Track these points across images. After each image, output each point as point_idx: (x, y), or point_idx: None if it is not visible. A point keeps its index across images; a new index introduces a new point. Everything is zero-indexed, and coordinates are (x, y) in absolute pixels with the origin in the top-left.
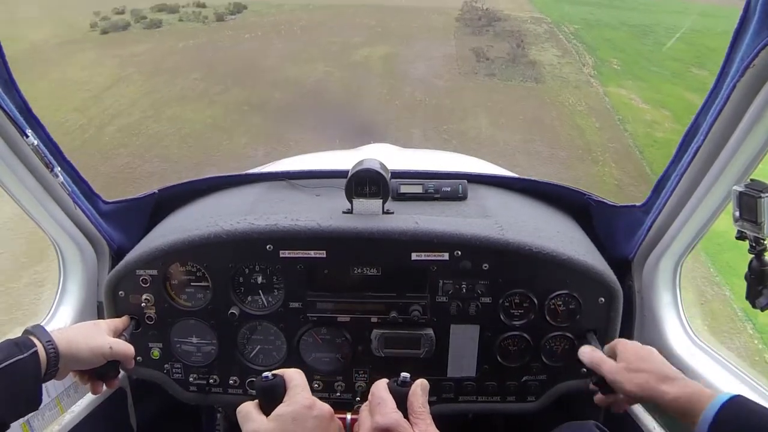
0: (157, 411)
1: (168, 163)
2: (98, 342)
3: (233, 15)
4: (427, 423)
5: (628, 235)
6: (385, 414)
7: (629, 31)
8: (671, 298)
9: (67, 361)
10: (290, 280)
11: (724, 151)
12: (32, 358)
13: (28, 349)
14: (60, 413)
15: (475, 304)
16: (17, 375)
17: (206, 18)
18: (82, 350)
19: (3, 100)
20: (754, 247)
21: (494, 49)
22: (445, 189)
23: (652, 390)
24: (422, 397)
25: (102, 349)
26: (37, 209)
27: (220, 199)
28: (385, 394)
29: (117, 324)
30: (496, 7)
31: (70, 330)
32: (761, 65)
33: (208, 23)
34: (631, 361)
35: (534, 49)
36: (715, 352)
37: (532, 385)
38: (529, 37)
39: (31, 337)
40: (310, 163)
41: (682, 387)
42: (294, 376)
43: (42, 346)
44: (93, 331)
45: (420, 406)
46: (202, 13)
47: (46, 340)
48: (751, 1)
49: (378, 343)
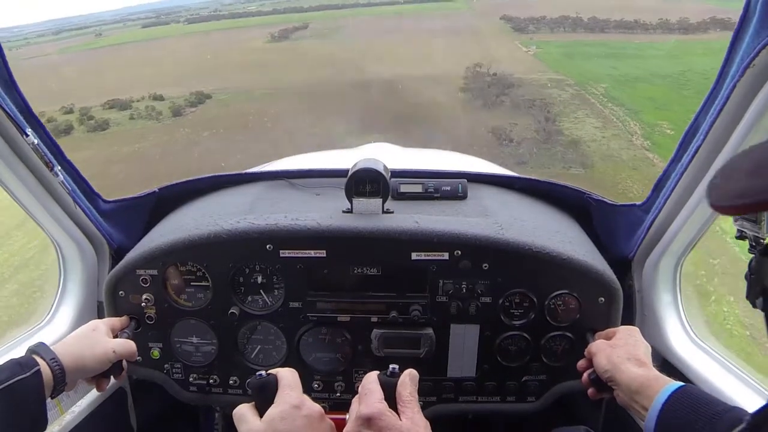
0: (156, 411)
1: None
2: (102, 348)
3: (193, 107)
4: (414, 411)
5: (628, 235)
6: (369, 404)
7: (664, 83)
8: (671, 298)
9: (74, 373)
10: (290, 280)
11: (724, 150)
12: (35, 377)
13: (30, 369)
14: (60, 413)
15: (475, 304)
16: (20, 394)
17: (160, 114)
18: (87, 361)
19: (3, 99)
20: (754, 246)
21: (518, 128)
22: (445, 188)
23: (617, 365)
24: (410, 387)
25: (106, 354)
26: (37, 208)
27: (220, 199)
28: (373, 385)
29: (114, 323)
30: (503, 70)
31: (71, 341)
32: (761, 65)
33: (162, 120)
34: (615, 339)
35: (567, 122)
36: (714, 352)
37: (532, 385)
38: (555, 106)
39: (34, 356)
40: (309, 162)
41: (645, 371)
42: (285, 376)
43: (46, 364)
44: (94, 339)
45: (408, 395)
46: (157, 108)
47: (50, 357)
48: (751, 1)
49: (378, 343)
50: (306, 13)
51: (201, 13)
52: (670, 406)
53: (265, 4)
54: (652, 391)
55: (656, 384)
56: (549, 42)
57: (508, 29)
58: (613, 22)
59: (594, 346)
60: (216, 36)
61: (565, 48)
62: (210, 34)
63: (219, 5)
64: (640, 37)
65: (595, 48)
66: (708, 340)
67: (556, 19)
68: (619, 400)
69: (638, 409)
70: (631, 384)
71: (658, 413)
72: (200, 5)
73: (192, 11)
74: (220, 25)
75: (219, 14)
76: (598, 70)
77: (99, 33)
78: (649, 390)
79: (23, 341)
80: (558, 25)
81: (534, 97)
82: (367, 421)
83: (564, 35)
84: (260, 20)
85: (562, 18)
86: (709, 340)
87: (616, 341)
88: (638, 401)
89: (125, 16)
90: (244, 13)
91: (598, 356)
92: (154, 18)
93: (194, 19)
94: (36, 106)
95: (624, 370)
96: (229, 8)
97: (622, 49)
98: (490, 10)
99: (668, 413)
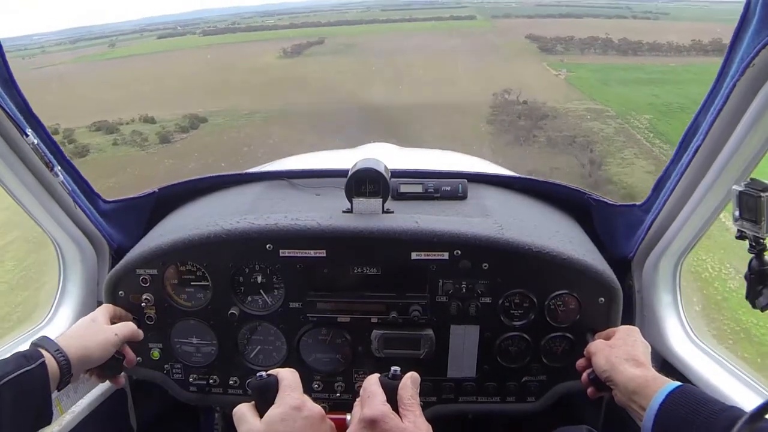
0: (156, 411)
1: None
2: (104, 335)
3: (184, 133)
4: (416, 414)
5: (627, 235)
6: (372, 406)
7: None
8: (671, 298)
9: (79, 364)
10: (290, 280)
11: (723, 150)
12: (40, 368)
13: (35, 361)
14: (60, 413)
15: (475, 304)
16: (26, 386)
17: (146, 140)
18: (91, 350)
19: (3, 99)
20: (754, 246)
21: (560, 173)
22: (445, 188)
23: (615, 365)
24: (412, 389)
25: (109, 340)
26: (37, 208)
27: (220, 199)
28: (375, 388)
29: (113, 311)
30: (534, 97)
31: (73, 333)
32: (761, 65)
33: (147, 147)
34: (614, 339)
35: (614, 165)
36: (714, 352)
37: (531, 385)
38: (599, 144)
39: (39, 349)
40: (309, 162)
41: (643, 371)
42: (286, 376)
43: (51, 356)
44: (95, 327)
45: (410, 398)
46: (144, 133)
47: (55, 349)
48: (751, 1)
49: (378, 344)
50: (324, 28)
51: (218, 26)
52: (667, 407)
53: (284, 18)
54: (649, 391)
55: (654, 384)
56: (580, 65)
57: (535, 49)
58: (646, 44)
59: (593, 346)
60: (228, 49)
61: (599, 72)
62: (224, 46)
63: (238, 18)
64: (675, 60)
65: (630, 72)
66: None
67: (584, 40)
68: (617, 399)
69: (636, 409)
70: (629, 384)
71: (655, 413)
72: (220, 17)
73: (210, 23)
74: (235, 38)
75: (236, 27)
76: (638, 98)
77: (112, 44)
78: (647, 390)
79: (23, 342)
80: (587, 47)
81: (573, 131)
82: (371, 423)
83: (595, 57)
84: (275, 34)
85: (591, 39)
86: (709, 341)
87: (615, 341)
88: (636, 401)
89: (144, 26)
90: (260, 26)
91: (596, 356)
92: (171, 29)
93: (210, 31)
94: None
95: (622, 370)
96: (248, 21)
97: (659, 74)
98: (514, 29)
99: (665, 413)
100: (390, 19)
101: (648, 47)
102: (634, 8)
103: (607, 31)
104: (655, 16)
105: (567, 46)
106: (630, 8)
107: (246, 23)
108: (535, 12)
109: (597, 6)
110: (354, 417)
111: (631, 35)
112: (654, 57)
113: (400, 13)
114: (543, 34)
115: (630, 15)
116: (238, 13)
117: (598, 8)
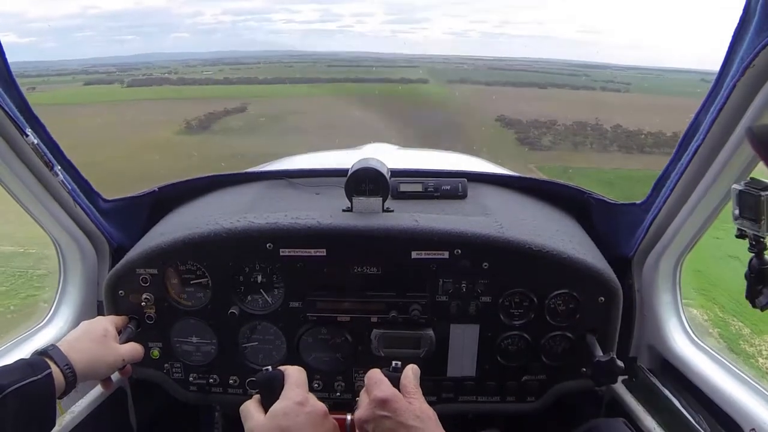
0: (156, 411)
1: None
2: (113, 357)
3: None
4: (420, 400)
5: (627, 234)
6: (383, 389)
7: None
8: (671, 298)
9: (83, 377)
10: (290, 279)
11: (723, 149)
12: (46, 379)
13: (42, 371)
14: (60, 413)
15: (475, 304)
16: (31, 396)
17: None
18: (98, 368)
19: (3, 99)
20: (754, 245)
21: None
22: (444, 187)
23: None
24: (414, 380)
25: (116, 363)
26: (37, 207)
27: (220, 198)
28: (380, 376)
29: (118, 322)
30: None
31: (83, 346)
32: (761, 65)
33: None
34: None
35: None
36: (714, 352)
37: (531, 384)
38: None
39: (45, 359)
40: (309, 162)
41: None
42: (292, 373)
43: (59, 369)
44: (105, 345)
45: (413, 387)
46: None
47: (64, 364)
48: (751, 1)
49: (378, 343)
50: (260, 86)
51: (154, 74)
52: None
53: (225, 69)
54: None
55: None
56: (580, 170)
57: (512, 139)
58: (649, 134)
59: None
60: (136, 108)
61: (615, 188)
62: (137, 103)
63: (184, 65)
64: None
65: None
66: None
67: (571, 128)
68: None
69: None
70: None
71: None
72: (170, 61)
73: (154, 68)
74: (157, 92)
75: (168, 78)
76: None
77: (33, 87)
78: None
79: (24, 341)
80: (580, 138)
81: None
82: (382, 402)
83: (598, 158)
84: (202, 91)
85: (579, 126)
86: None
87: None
88: None
89: (90, 66)
90: (193, 81)
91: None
92: (106, 74)
93: (137, 82)
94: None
95: None
96: (190, 70)
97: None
98: (480, 104)
99: None
100: (334, 78)
101: (653, 141)
102: (593, 75)
103: (587, 108)
104: (617, 87)
105: (554, 138)
106: (588, 75)
107: (186, 72)
108: (491, 78)
109: (554, 72)
110: (362, 404)
111: (618, 118)
112: (666, 155)
113: (346, 71)
114: (515, 115)
115: (597, 86)
116: (185, 60)
117: (556, 75)
